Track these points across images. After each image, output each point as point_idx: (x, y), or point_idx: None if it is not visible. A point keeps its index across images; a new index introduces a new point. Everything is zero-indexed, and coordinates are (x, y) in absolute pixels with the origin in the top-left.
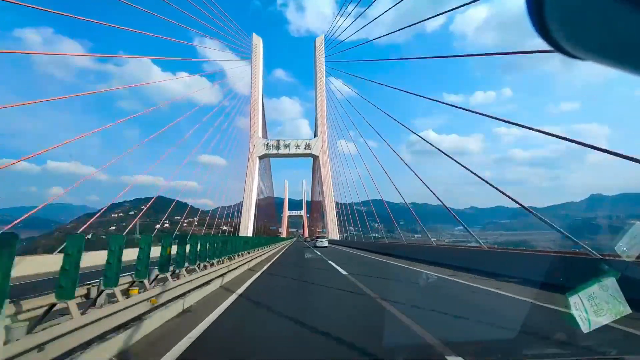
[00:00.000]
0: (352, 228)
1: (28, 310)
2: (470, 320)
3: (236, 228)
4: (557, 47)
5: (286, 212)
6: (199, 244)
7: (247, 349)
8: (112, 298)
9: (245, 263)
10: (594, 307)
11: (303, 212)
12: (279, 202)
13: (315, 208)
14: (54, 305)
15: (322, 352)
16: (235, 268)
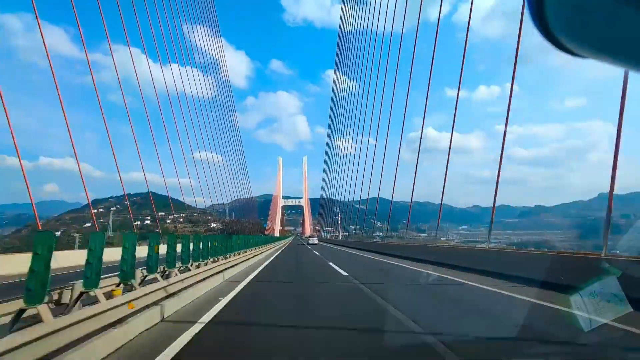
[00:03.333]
0: (353, 227)
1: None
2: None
3: (228, 225)
4: (558, 45)
5: (279, 203)
6: None
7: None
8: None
9: None
10: (595, 306)
11: (303, 202)
12: (269, 200)
13: (327, 208)
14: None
15: None
16: None
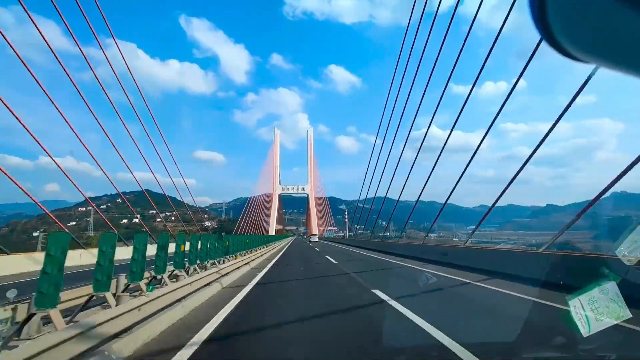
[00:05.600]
0: (357, 226)
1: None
2: None
3: (223, 224)
4: (561, 50)
5: (275, 191)
6: None
7: None
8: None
9: None
10: (595, 311)
11: (308, 189)
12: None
13: (332, 207)
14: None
15: None
16: None
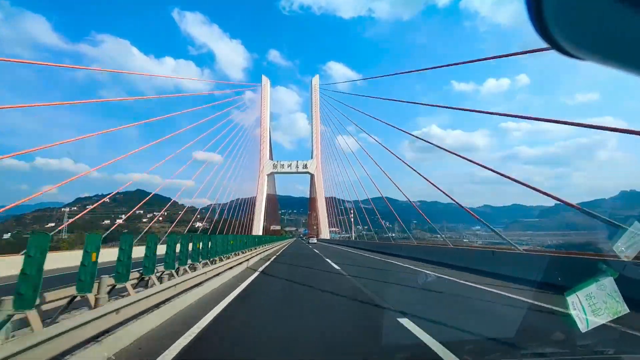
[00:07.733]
0: (360, 227)
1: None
2: None
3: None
4: (557, 47)
5: (263, 169)
6: None
7: None
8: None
9: None
10: (592, 307)
11: (313, 166)
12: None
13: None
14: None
15: None
16: None
